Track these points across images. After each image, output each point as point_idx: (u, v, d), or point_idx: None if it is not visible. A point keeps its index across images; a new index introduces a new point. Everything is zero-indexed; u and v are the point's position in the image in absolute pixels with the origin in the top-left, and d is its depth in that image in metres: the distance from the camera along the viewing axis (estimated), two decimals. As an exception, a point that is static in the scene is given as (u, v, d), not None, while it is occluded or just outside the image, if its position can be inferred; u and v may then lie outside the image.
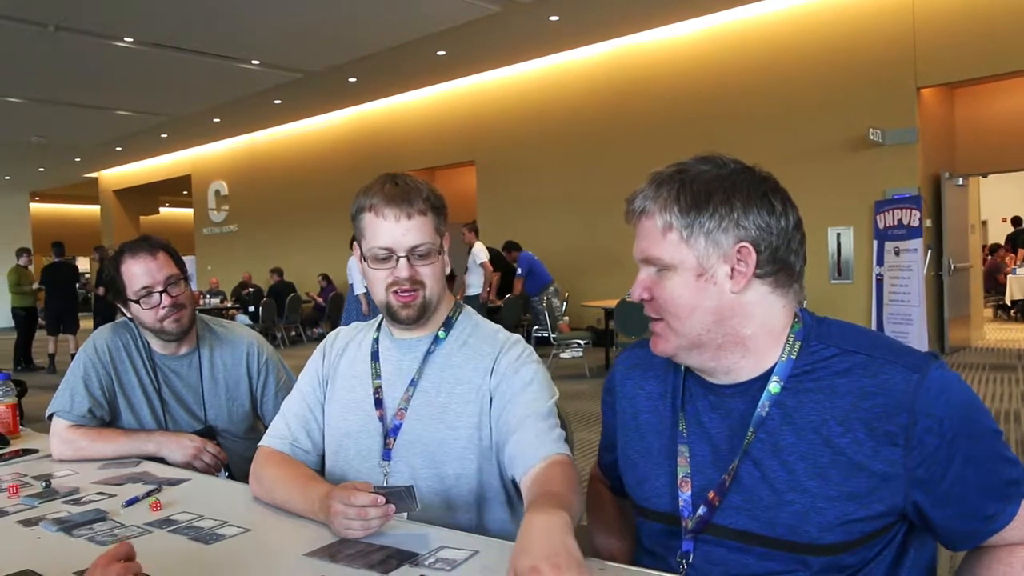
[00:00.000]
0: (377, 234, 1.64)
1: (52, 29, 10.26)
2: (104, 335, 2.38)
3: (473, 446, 1.67)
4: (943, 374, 1.16)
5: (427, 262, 1.68)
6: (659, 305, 1.26)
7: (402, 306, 1.68)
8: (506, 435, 1.61)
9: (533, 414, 1.60)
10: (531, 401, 1.63)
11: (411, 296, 1.67)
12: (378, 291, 1.69)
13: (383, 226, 1.64)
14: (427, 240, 1.66)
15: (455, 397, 1.69)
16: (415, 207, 1.64)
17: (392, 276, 1.66)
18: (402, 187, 1.66)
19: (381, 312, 1.76)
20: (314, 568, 1.34)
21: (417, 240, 1.65)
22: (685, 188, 1.23)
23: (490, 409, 1.67)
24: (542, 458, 1.53)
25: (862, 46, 9.65)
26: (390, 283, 1.66)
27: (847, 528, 1.16)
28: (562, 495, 1.37)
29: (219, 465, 2.23)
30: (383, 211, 1.63)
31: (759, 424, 1.22)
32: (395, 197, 1.64)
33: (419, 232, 1.65)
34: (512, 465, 1.58)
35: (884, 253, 9.44)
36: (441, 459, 1.67)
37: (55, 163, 20.92)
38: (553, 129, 12.90)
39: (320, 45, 11.42)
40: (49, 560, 1.41)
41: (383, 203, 1.64)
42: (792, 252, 1.24)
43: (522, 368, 1.68)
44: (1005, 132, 10.30)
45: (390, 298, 1.68)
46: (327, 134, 16.98)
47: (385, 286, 1.67)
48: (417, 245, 1.65)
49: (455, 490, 1.66)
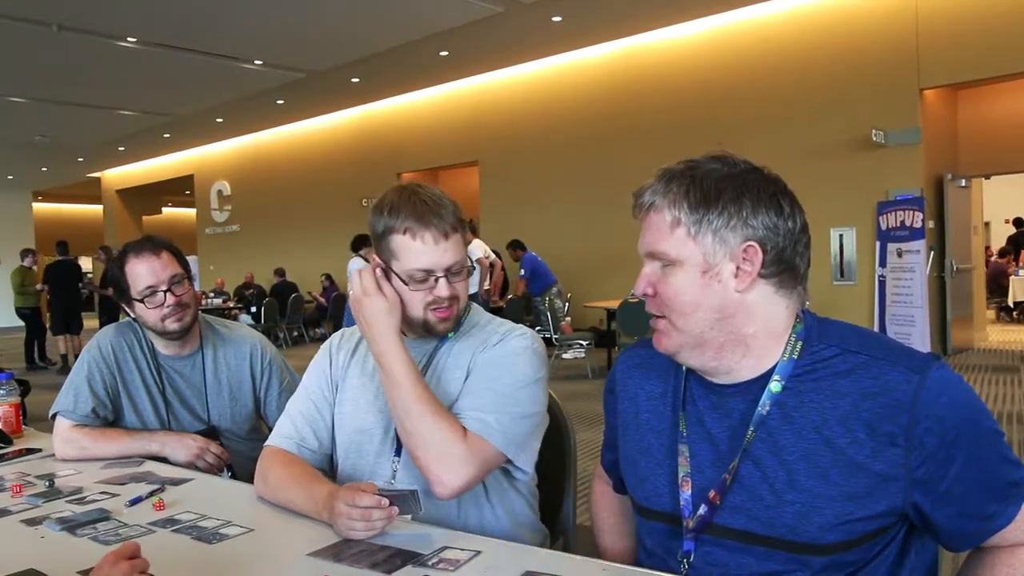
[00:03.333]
0: (415, 256, 1.64)
1: (55, 29, 10.28)
2: (108, 335, 2.38)
3: None
4: (944, 375, 1.16)
5: (461, 278, 1.70)
6: (662, 301, 1.26)
7: (440, 321, 1.69)
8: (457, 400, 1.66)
9: (478, 388, 1.64)
10: (490, 376, 1.65)
11: (449, 311, 1.69)
12: (415, 310, 1.68)
13: (422, 249, 1.63)
14: (461, 257, 1.67)
15: (455, 377, 1.71)
16: (448, 225, 1.64)
17: (432, 295, 1.66)
18: (432, 205, 1.64)
19: (410, 329, 1.74)
20: (317, 568, 1.34)
21: (454, 259, 1.66)
22: (695, 184, 1.23)
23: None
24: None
25: (865, 47, 9.64)
26: (429, 302, 1.67)
27: (847, 528, 1.16)
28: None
29: (222, 465, 2.24)
30: (420, 234, 1.62)
31: (759, 423, 1.22)
32: (428, 217, 1.63)
33: (455, 251, 1.66)
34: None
35: (887, 254, 9.43)
36: None
37: (58, 163, 20.95)
38: (556, 130, 12.89)
39: (323, 45, 11.44)
40: (53, 559, 1.42)
41: (418, 225, 1.62)
42: (797, 254, 1.24)
43: (503, 344, 1.70)
44: (1008, 133, 10.29)
45: (428, 315, 1.68)
46: (330, 134, 16.99)
47: (424, 305, 1.67)
48: (453, 264, 1.66)
49: None
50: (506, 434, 1.59)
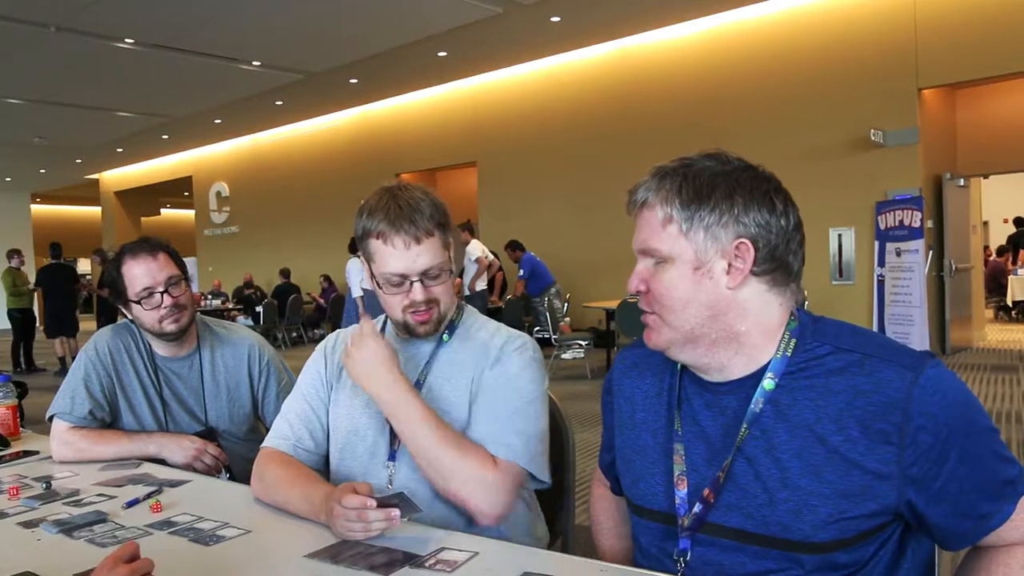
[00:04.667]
0: (387, 261, 1.64)
1: (53, 30, 10.28)
2: (105, 337, 2.38)
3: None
4: (938, 372, 1.15)
5: (439, 281, 1.68)
6: (653, 297, 1.27)
7: (419, 324, 1.69)
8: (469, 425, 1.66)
9: (496, 412, 1.64)
10: (503, 398, 1.66)
11: (427, 314, 1.68)
12: (395, 313, 1.70)
13: (393, 253, 1.63)
14: (437, 261, 1.66)
15: (459, 391, 1.71)
16: (421, 229, 1.63)
17: (408, 299, 1.66)
18: (405, 209, 1.63)
19: (397, 328, 1.77)
20: (315, 570, 1.34)
21: (428, 264, 1.65)
22: (688, 181, 1.23)
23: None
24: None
25: (863, 47, 9.65)
26: (406, 305, 1.67)
27: (841, 526, 1.15)
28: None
29: (220, 466, 2.23)
30: (391, 239, 1.62)
31: (753, 421, 1.22)
32: (399, 222, 1.62)
33: (429, 255, 1.65)
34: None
35: (885, 254, 9.44)
36: None
37: (56, 164, 20.91)
38: (554, 130, 12.89)
39: (321, 46, 11.44)
40: (49, 562, 1.42)
41: (390, 230, 1.62)
42: (791, 252, 1.24)
43: (506, 360, 1.70)
44: (1006, 133, 10.30)
45: (407, 318, 1.69)
46: (328, 135, 16.98)
47: (401, 309, 1.68)
48: (429, 268, 1.66)
49: None
50: (529, 452, 1.62)
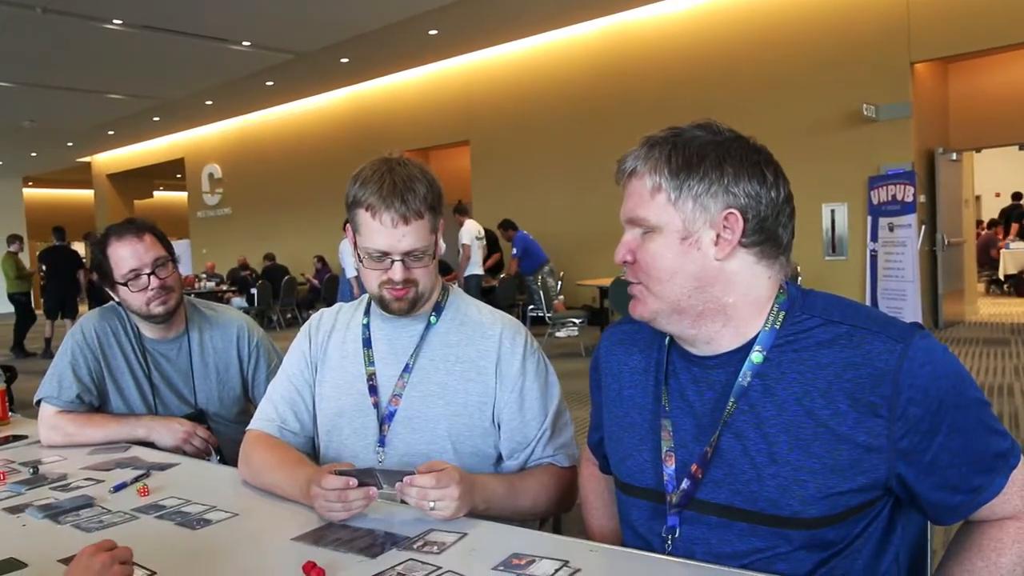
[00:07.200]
0: (372, 235, 1.61)
1: (39, 11, 10.16)
2: (92, 320, 2.36)
3: (474, 424, 1.68)
4: (927, 344, 1.14)
5: (421, 264, 1.66)
6: (640, 267, 1.25)
7: (393, 300, 1.67)
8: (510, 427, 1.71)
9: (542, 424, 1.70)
10: (540, 408, 1.71)
11: (403, 292, 1.66)
12: (371, 285, 1.69)
13: (379, 229, 1.60)
14: (422, 244, 1.64)
15: (455, 375, 1.70)
16: (412, 210, 1.60)
17: (386, 275, 1.65)
18: (399, 185, 1.59)
19: (373, 301, 1.75)
20: (301, 553, 1.33)
21: (412, 245, 1.62)
22: (677, 150, 1.21)
23: (496, 392, 1.69)
24: (535, 460, 1.70)
25: (855, 21, 9.59)
26: (383, 281, 1.66)
27: (830, 501, 1.14)
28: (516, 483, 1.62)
29: (209, 449, 2.23)
30: (379, 214, 1.59)
31: (740, 395, 1.21)
32: (391, 199, 1.58)
33: (415, 237, 1.62)
34: (510, 456, 1.71)
35: (878, 229, 9.43)
36: (437, 436, 1.68)
37: (48, 147, 20.79)
38: (547, 108, 12.82)
39: (311, 25, 11.33)
40: (34, 547, 1.41)
41: (379, 204, 1.59)
42: (780, 225, 1.22)
43: (528, 361, 1.72)
44: (999, 107, 10.26)
45: (383, 292, 1.67)
46: (320, 115, 16.89)
47: (378, 283, 1.66)
48: (413, 250, 1.63)
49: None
50: (573, 440, 1.76)
